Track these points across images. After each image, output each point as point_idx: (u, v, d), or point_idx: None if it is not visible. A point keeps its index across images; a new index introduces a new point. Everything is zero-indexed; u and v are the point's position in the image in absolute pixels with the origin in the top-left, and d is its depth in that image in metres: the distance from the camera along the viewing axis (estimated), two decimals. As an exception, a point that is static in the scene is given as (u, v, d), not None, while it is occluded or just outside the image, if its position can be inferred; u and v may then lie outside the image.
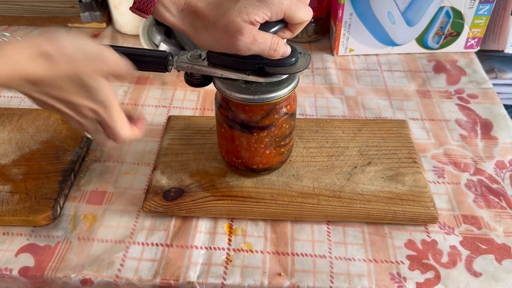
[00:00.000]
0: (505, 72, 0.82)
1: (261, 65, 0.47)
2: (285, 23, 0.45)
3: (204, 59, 0.49)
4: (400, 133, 0.62)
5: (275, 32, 0.45)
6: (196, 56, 0.49)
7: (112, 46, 0.44)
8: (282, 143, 0.53)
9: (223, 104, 0.51)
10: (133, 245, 0.53)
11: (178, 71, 0.50)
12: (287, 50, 0.46)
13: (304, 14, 0.45)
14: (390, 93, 0.74)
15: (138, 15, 0.46)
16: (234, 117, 0.51)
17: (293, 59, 0.47)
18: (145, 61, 0.49)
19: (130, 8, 0.46)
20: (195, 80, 0.51)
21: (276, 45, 0.44)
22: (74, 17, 0.88)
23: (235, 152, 0.54)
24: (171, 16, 0.46)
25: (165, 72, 0.49)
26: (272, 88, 0.48)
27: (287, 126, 0.52)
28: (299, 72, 0.47)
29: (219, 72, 0.48)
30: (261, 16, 0.43)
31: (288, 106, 0.51)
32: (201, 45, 0.47)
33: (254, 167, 0.55)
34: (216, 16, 0.44)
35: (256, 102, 0.48)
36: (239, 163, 0.55)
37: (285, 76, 0.48)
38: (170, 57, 0.49)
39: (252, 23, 0.43)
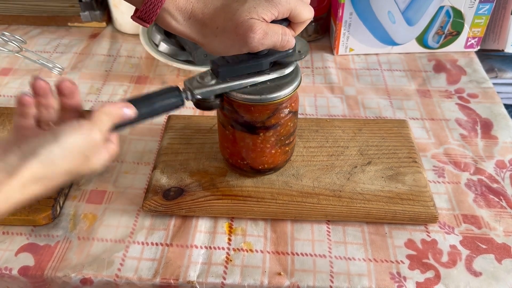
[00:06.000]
0: (505, 72, 0.82)
1: (273, 60, 0.47)
2: (288, 21, 0.46)
3: (214, 78, 0.47)
4: (400, 133, 0.62)
5: None
6: (206, 77, 0.47)
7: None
8: (286, 142, 0.54)
9: (227, 106, 0.51)
10: (133, 244, 0.53)
11: (198, 105, 0.47)
12: (294, 40, 0.46)
13: (307, 13, 0.45)
14: (390, 92, 0.74)
15: (139, 23, 0.45)
16: (239, 118, 0.51)
17: (291, 49, 0.48)
18: (160, 106, 0.44)
19: (132, 17, 0.45)
20: (209, 104, 0.48)
21: (288, 36, 0.45)
22: (74, 16, 0.87)
23: (240, 154, 0.54)
24: (178, 25, 0.45)
25: (182, 106, 0.46)
26: (277, 87, 0.48)
27: (292, 124, 0.53)
28: (306, 55, 0.49)
29: (243, 83, 0.47)
30: (269, 16, 0.43)
31: (293, 104, 0.51)
32: (212, 52, 0.46)
33: (260, 167, 0.55)
34: (224, 20, 0.43)
35: (262, 102, 0.48)
36: (244, 164, 0.55)
37: (293, 68, 0.49)
38: (180, 91, 0.45)
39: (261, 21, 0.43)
